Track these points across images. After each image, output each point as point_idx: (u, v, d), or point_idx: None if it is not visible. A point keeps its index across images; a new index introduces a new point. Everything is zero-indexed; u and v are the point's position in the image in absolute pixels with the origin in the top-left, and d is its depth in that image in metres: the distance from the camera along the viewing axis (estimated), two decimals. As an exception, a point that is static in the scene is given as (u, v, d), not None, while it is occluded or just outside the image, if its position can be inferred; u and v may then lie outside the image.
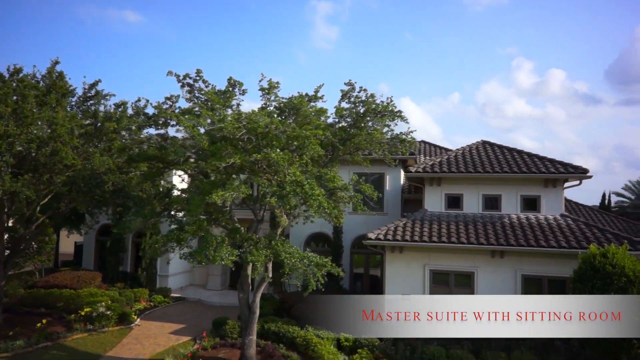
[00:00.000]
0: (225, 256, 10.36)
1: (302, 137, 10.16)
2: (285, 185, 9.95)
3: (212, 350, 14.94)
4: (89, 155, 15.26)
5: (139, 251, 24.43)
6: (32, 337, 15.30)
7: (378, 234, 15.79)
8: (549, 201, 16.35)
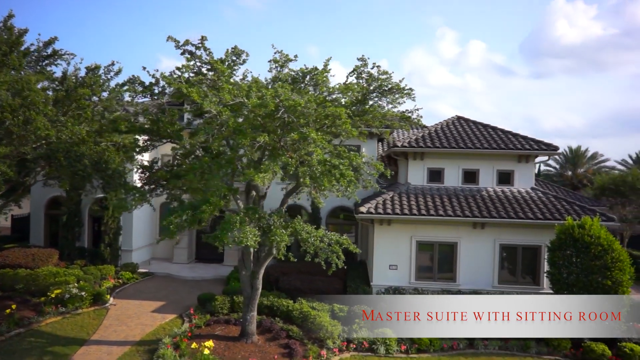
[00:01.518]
0: (250, 238, 10.06)
1: (334, 115, 9.91)
2: (317, 166, 9.75)
3: (206, 327, 14.64)
4: (61, 124, 13.73)
5: (95, 225, 22.85)
6: (1, 324, 13.94)
7: (369, 207, 16.12)
8: (521, 175, 17.65)
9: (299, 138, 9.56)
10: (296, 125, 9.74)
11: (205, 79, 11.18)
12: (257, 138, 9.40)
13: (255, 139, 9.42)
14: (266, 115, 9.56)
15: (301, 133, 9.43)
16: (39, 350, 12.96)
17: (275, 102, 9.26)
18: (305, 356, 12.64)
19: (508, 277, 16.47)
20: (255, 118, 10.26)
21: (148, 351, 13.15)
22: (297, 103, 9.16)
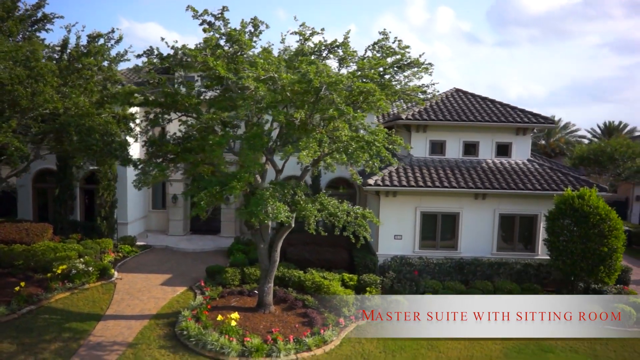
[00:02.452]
0: (282, 213, 10.17)
1: (368, 91, 9.94)
2: (350, 142, 9.84)
3: (220, 299, 14.84)
4: (63, 95, 13.13)
5: (86, 199, 22.27)
6: (11, 301, 13.66)
7: (376, 179, 16.42)
8: (518, 147, 18.31)
9: (337, 115, 9.58)
10: (329, 101, 9.73)
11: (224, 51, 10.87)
12: (294, 115, 9.35)
13: (293, 115, 9.37)
14: (304, 91, 9.49)
15: (339, 110, 9.45)
16: (57, 326, 12.86)
17: (319, 78, 9.18)
18: (325, 324, 13.11)
19: (506, 245, 17.35)
20: (284, 93, 10.18)
21: (168, 324, 13.29)
22: (339, 80, 9.13)
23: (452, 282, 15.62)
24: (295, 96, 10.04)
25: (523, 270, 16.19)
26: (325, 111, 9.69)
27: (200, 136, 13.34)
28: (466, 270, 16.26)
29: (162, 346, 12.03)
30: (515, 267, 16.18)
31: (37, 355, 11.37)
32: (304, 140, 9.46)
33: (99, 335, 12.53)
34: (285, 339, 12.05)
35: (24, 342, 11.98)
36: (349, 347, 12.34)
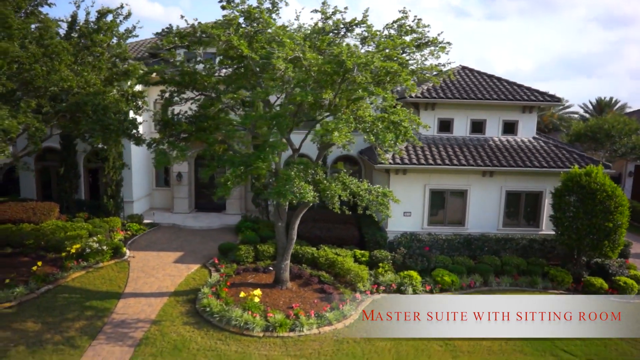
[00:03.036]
0: (309, 193, 10.31)
1: (395, 72, 9.96)
2: (377, 122, 9.93)
3: (236, 276, 15.08)
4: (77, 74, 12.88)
5: (90, 177, 22.07)
6: (28, 281, 13.70)
7: (387, 158, 16.58)
8: (525, 125, 18.58)
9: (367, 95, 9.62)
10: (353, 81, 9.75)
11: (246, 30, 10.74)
12: (323, 95, 9.37)
13: (322, 96, 9.39)
14: (333, 72, 9.48)
15: (367, 91, 9.49)
16: (78, 305, 12.98)
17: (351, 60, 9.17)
18: (342, 299, 13.45)
19: (511, 221, 17.82)
20: (308, 72, 10.15)
21: (187, 301, 13.51)
22: (370, 61, 9.14)
23: (461, 257, 16.07)
24: (320, 76, 10.03)
25: (528, 245, 16.70)
26: (354, 92, 9.72)
27: (214, 115, 13.31)
28: (474, 245, 16.72)
29: (185, 322, 12.26)
30: (521, 243, 16.68)
31: (62, 334, 11.51)
32: (332, 122, 9.51)
33: (122, 313, 12.71)
34: (306, 314, 12.38)
35: (48, 320, 12.10)
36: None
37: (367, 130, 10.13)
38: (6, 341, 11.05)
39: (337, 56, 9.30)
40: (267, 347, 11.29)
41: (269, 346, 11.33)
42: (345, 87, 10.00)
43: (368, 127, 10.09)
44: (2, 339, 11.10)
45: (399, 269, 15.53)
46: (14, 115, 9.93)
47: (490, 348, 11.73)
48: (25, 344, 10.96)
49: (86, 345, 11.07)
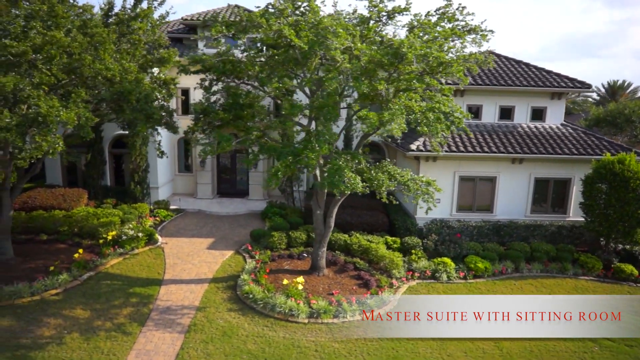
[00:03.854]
0: (359, 184, 10.42)
1: (448, 63, 9.95)
2: (427, 113, 9.97)
3: (272, 262, 15.30)
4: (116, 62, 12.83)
5: (115, 163, 22.12)
6: (71, 268, 13.90)
7: (418, 145, 16.66)
8: (553, 112, 18.57)
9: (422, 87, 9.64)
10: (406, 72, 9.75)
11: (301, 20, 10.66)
12: (378, 86, 9.38)
13: (377, 87, 9.40)
14: (389, 63, 9.47)
15: (422, 81, 9.49)
16: (122, 292, 13.22)
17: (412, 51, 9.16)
18: (380, 286, 13.70)
19: (539, 208, 17.98)
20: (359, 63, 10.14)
21: (227, 287, 13.74)
22: (429, 53, 9.12)
23: (491, 244, 16.28)
24: (370, 66, 10.02)
25: (557, 231, 16.89)
26: (407, 82, 9.72)
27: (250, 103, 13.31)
28: (503, 232, 16.91)
29: (230, 309, 12.51)
30: (549, 229, 16.87)
31: (112, 320, 11.76)
32: (388, 113, 9.53)
33: (165, 300, 12.95)
34: (348, 301, 12.63)
35: (96, 307, 12.34)
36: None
37: (419, 122, 10.17)
38: (59, 328, 11.29)
39: (398, 48, 9.28)
40: (314, 333, 11.55)
41: (315, 332, 11.59)
42: (396, 77, 10.00)
43: (419, 118, 10.13)
44: (55, 326, 11.34)
45: (431, 255, 15.75)
46: (66, 106, 9.95)
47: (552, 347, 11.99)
48: (78, 331, 11.21)
49: (137, 332, 11.32)
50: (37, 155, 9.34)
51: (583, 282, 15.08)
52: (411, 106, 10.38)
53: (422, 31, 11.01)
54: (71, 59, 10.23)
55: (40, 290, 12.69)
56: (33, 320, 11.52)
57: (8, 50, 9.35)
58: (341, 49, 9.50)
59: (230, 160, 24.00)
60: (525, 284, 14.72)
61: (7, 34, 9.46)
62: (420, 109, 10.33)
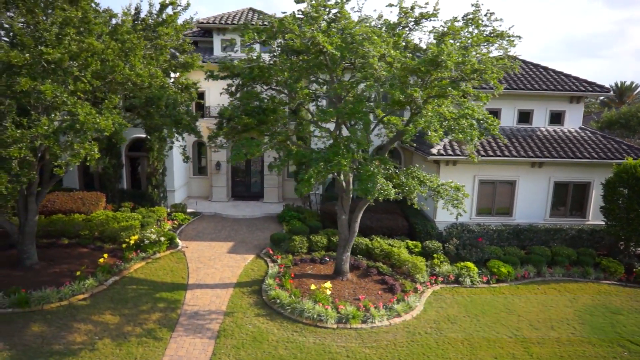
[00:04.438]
0: (392, 190, 10.44)
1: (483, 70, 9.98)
2: (460, 119, 10.00)
3: (294, 267, 15.31)
4: (141, 67, 12.86)
5: (132, 167, 22.15)
6: (96, 272, 13.92)
7: (438, 149, 16.67)
8: (571, 115, 18.59)
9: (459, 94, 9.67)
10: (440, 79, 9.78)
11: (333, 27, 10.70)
12: (413, 93, 9.40)
13: (412, 94, 9.42)
14: (426, 70, 9.50)
15: (457, 88, 9.51)
16: (148, 297, 13.24)
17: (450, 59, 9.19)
18: (404, 290, 13.72)
19: (558, 211, 18.00)
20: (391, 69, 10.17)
21: (252, 292, 13.76)
22: (467, 61, 9.14)
23: (511, 248, 16.30)
24: (403, 72, 10.05)
25: (577, 235, 16.92)
26: (442, 89, 9.75)
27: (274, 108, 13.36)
28: (523, 236, 16.94)
29: (257, 314, 12.52)
30: (570, 233, 16.90)
31: (142, 326, 11.78)
32: (422, 120, 9.56)
33: (192, 305, 12.98)
34: (375, 306, 12.65)
35: (124, 312, 12.36)
36: (433, 312, 13.01)
37: (452, 128, 10.20)
38: (90, 334, 11.32)
39: (437, 56, 9.30)
40: (343, 338, 11.57)
41: (345, 338, 11.61)
42: (429, 84, 10.02)
43: (452, 125, 10.16)
44: (86, 332, 11.37)
45: (452, 259, 15.77)
46: (100, 113, 9.97)
47: (558, 339, 12.02)
48: (109, 337, 11.24)
49: (167, 337, 11.35)
50: (75, 162, 9.36)
51: (605, 286, 15.10)
52: (442, 112, 10.40)
53: (452, 38, 11.03)
54: (105, 65, 10.25)
55: (68, 295, 12.72)
56: (64, 326, 11.54)
57: (44, 57, 9.37)
58: (378, 56, 9.52)
59: (245, 163, 24.02)
60: (548, 289, 14.74)
61: (43, 40, 9.47)
62: (453, 116, 10.36)
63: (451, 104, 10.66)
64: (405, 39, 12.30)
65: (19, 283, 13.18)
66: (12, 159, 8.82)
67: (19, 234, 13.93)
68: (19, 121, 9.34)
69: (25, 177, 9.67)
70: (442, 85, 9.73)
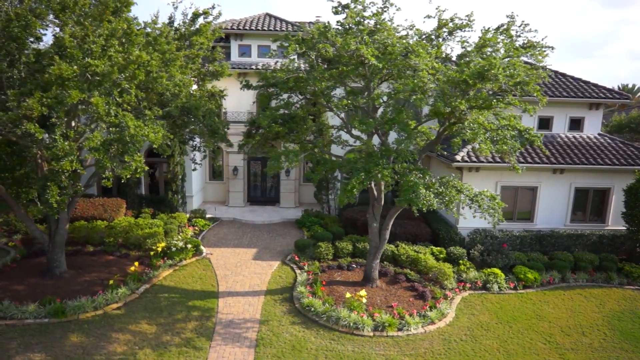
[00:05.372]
0: (433, 200, 10.56)
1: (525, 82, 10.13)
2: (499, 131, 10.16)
3: (322, 274, 15.39)
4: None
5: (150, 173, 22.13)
6: (127, 281, 13.92)
7: (462, 156, 16.82)
8: (590, 122, 18.82)
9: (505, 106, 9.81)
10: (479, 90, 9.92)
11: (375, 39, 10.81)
12: (460, 106, 9.53)
13: (458, 106, 9.54)
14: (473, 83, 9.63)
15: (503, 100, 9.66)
16: (181, 305, 13.26)
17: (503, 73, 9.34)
18: (435, 297, 13.85)
19: (578, 217, 18.20)
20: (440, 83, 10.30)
21: (284, 300, 13.82)
22: (517, 74, 9.28)
23: (534, 254, 16.48)
24: (447, 85, 10.18)
25: (598, 241, 17.12)
26: (486, 101, 9.88)
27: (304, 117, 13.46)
28: (545, 242, 17.11)
29: (293, 322, 12.58)
30: (591, 239, 17.09)
31: (180, 335, 11.81)
32: (470, 132, 9.70)
33: (226, 313, 13.02)
34: (409, 313, 12.76)
35: (160, 322, 12.38)
36: (465, 319, 13.14)
37: (494, 139, 10.35)
38: (130, 344, 11.33)
39: (488, 69, 9.43)
40: (381, 346, 11.67)
41: (383, 346, 11.70)
42: (471, 95, 10.16)
43: (495, 136, 10.30)
44: (126, 342, 11.39)
45: (477, 266, 15.92)
46: (144, 124, 10.01)
47: (591, 345, 12.19)
48: (149, 346, 11.26)
49: (206, 347, 11.39)
50: (127, 174, 9.40)
51: (630, 291, 15.30)
52: (482, 123, 10.54)
53: (490, 48, 11.18)
54: (149, 77, 10.28)
55: (102, 304, 12.73)
56: (102, 336, 11.55)
57: (90, 69, 9.40)
58: (427, 69, 9.64)
59: (261, 168, 24.06)
60: (574, 294, 14.92)
61: (90, 52, 9.48)
62: (494, 127, 10.50)
63: (491, 116, 10.79)
64: (439, 51, 12.42)
65: (52, 292, 13.18)
66: (63, 172, 8.83)
67: (49, 243, 13.90)
68: (66, 134, 9.36)
69: (73, 189, 9.67)
70: (485, 98, 9.86)
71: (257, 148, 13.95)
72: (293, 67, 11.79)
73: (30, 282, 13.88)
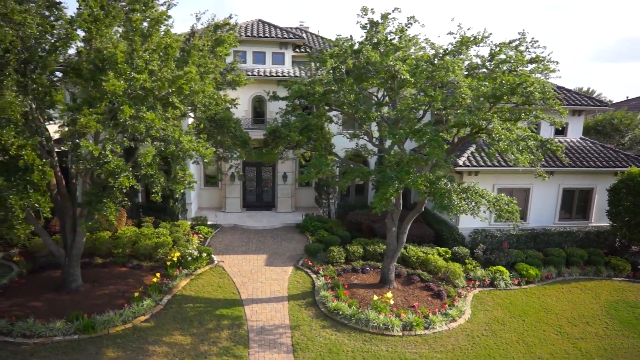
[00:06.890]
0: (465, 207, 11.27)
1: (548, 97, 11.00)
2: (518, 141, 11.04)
3: (339, 277, 15.82)
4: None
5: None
6: (149, 293, 13.78)
7: (464, 160, 17.76)
8: (573, 127, 20.33)
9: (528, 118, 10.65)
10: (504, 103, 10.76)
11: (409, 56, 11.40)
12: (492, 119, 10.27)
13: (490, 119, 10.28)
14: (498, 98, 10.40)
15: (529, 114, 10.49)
16: (209, 314, 13.31)
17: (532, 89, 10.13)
18: (450, 296, 14.64)
19: (565, 215, 19.63)
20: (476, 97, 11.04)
21: (308, 304, 14.15)
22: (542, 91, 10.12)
23: (531, 251, 17.67)
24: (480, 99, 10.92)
25: (585, 237, 18.58)
26: (515, 114, 10.67)
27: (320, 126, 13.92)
28: (539, 239, 18.37)
29: (323, 326, 12.95)
30: (579, 235, 18.52)
31: (217, 345, 11.91)
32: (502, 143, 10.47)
33: (255, 320, 13.20)
34: (432, 312, 13.45)
35: (192, 332, 12.41)
36: (482, 315, 14.00)
37: (520, 149, 11.20)
38: (170, 356, 11.33)
39: (521, 85, 10.20)
40: (412, 345, 12.28)
41: (413, 344, 12.32)
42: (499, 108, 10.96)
43: (524, 145, 11.16)
44: (164, 354, 11.37)
45: (482, 264, 16.89)
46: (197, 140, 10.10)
47: (597, 334, 13.35)
48: (189, 357, 11.31)
49: (245, 354, 11.57)
50: (180, 189, 9.44)
51: (618, 283, 16.76)
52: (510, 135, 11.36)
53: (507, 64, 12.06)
54: (190, 90, 10.33)
55: (130, 317, 12.59)
56: (139, 350, 11.47)
57: (138, 84, 9.39)
58: (466, 85, 10.32)
59: (256, 173, 24.13)
60: (571, 287, 16.18)
61: (135, 67, 9.46)
62: (515, 136, 11.35)
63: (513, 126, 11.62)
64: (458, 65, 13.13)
65: (72, 307, 12.89)
66: (120, 188, 8.76)
67: (66, 257, 13.55)
68: (113, 149, 9.28)
69: (127, 202, 9.59)
70: (512, 110, 10.68)
71: (278, 156, 14.19)
72: (328, 79, 12.16)
73: (46, 298, 13.47)
